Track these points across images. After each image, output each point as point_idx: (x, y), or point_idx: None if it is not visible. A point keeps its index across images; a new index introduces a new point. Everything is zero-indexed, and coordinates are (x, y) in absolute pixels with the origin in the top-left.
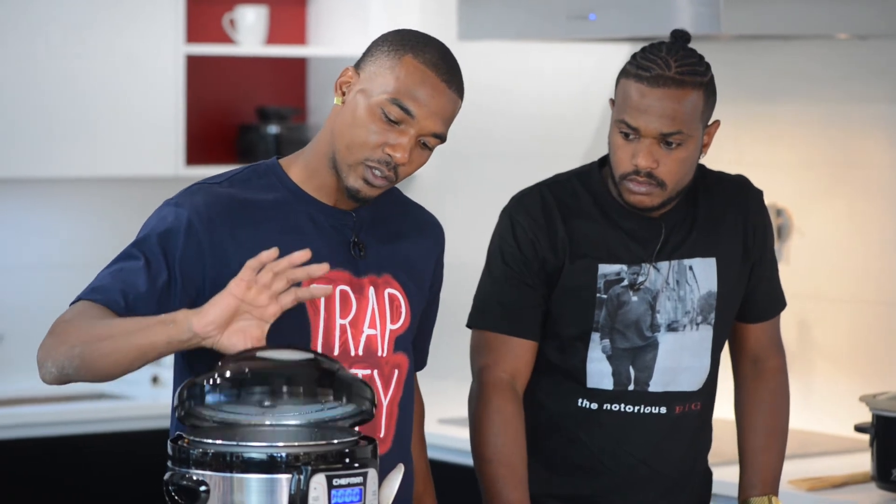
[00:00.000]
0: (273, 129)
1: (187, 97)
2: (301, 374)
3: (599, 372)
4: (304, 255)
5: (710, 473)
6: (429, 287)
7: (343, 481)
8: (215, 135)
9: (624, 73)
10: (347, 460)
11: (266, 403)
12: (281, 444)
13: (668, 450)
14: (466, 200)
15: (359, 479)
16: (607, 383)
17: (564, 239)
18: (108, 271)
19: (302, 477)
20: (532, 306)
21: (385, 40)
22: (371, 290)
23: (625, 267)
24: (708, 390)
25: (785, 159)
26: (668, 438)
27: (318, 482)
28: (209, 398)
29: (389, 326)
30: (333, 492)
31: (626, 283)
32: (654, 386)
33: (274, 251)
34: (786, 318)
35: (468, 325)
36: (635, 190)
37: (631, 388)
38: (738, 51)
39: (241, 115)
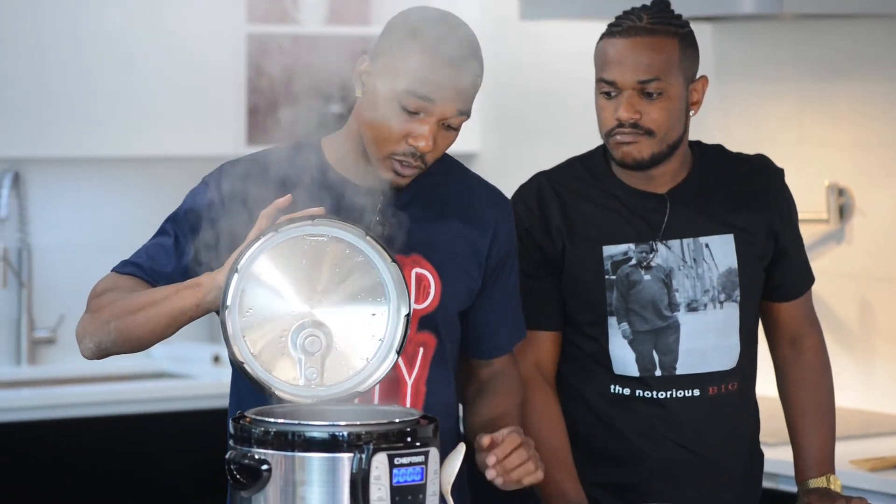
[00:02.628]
0: (335, 108)
1: (248, 77)
2: None
3: (623, 358)
4: (318, 211)
5: (760, 455)
6: (483, 265)
7: (405, 460)
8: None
9: (600, 38)
10: (409, 439)
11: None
12: (343, 423)
13: (707, 433)
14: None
15: (420, 458)
16: (632, 370)
17: (560, 224)
18: (144, 246)
19: (363, 456)
20: (543, 297)
21: (394, 29)
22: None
23: (632, 245)
24: (744, 370)
25: (847, 139)
26: (705, 421)
27: (380, 461)
28: None
29: (414, 306)
30: (395, 471)
31: (634, 261)
32: (682, 368)
33: (288, 198)
34: (847, 298)
35: None
36: (621, 141)
37: (658, 373)
38: (800, 30)
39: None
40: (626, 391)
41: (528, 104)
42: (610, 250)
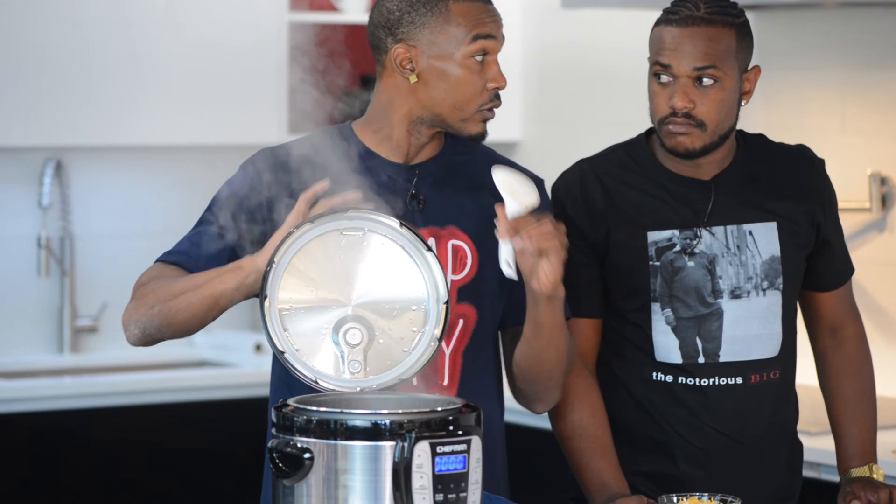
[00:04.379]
0: None
1: (290, 64)
2: None
3: (666, 345)
4: (357, 195)
5: (800, 445)
6: None
7: (447, 448)
8: (319, 102)
9: (655, 24)
10: (451, 427)
11: None
12: (385, 411)
13: (749, 421)
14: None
15: (462, 447)
16: (675, 357)
17: (604, 210)
18: (186, 235)
19: (406, 444)
20: (585, 284)
21: (412, 6)
22: (431, 241)
23: (676, 232)
24: (786, 358)
25: (890, 127)
26: (747, 409)
27: (422, 449)
28: None
29: (451, 277)
30: (437, 459)
31: (678, 248)
32: (725, 356)
33: (325, 183)
34: (889, 287)
35: None
36: (675, 131)
37: (701, 360)
38: (843, 18)
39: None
40: (669, 378)
41: (570, 93)
42: (654, 236)
